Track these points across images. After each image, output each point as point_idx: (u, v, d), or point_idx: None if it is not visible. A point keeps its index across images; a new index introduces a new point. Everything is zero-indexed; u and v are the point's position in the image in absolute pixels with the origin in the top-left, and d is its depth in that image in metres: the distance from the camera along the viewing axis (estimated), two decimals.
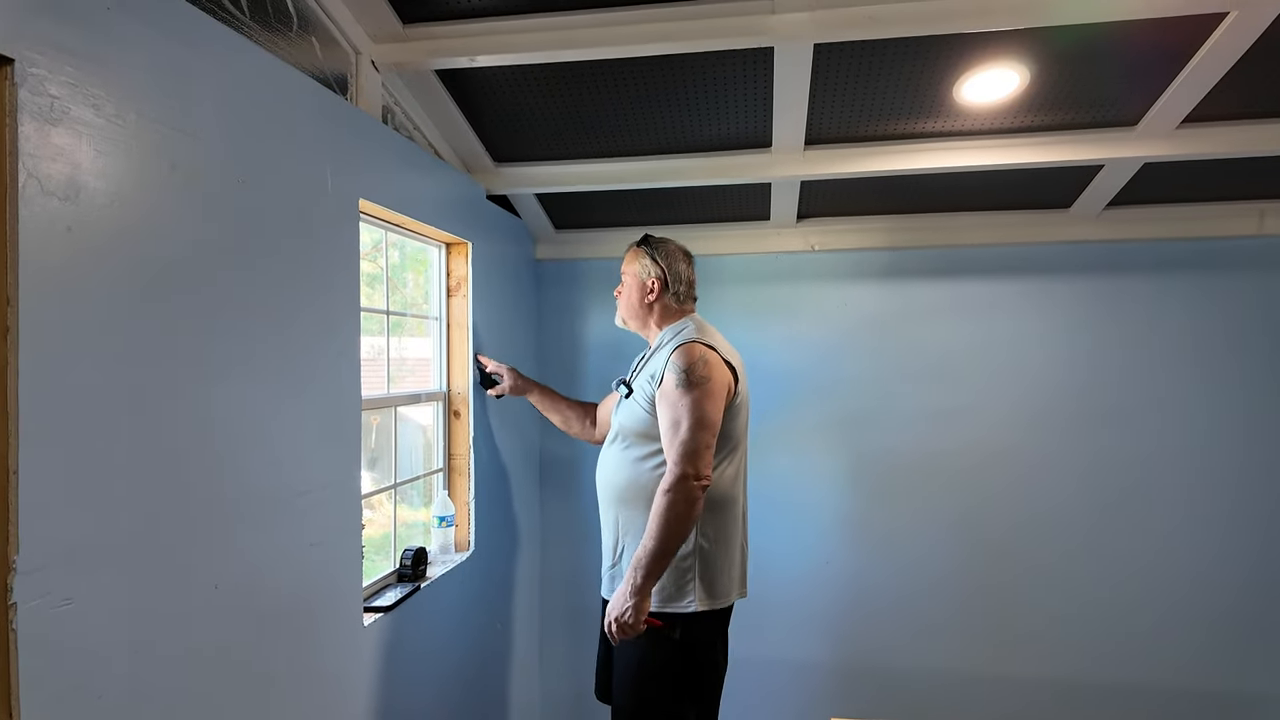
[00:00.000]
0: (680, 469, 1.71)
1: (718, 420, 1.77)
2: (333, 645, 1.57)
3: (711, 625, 1.86)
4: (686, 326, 1.93)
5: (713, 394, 1.76)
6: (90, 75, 1.02)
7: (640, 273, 1.98)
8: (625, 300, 2.02)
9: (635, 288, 1.99)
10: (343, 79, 1.74)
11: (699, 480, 1.72)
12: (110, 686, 1.05)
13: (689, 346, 1.81)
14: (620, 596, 1.74)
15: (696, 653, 1.83)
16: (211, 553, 1.23)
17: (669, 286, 1.96)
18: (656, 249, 1.98)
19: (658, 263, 1.96)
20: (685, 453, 1.72)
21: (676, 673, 1.81)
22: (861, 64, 1.84)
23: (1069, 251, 2.62)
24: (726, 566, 1.87)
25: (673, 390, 1.77)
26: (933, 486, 2.70)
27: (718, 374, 1.79)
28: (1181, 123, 2.00)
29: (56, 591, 0.97)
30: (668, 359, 1.82)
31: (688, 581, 1.81)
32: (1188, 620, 2.58)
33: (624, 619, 1.72)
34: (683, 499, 1.70)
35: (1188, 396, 2.57)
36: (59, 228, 0.98)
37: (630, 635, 1.74)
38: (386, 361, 2.06)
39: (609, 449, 1.98)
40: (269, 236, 1.38)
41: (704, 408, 1.74)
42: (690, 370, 1.76)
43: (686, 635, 1.82)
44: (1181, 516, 2.58)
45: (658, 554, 1.71)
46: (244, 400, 1.31)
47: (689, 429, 1.73)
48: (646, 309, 1.99)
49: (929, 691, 2.71)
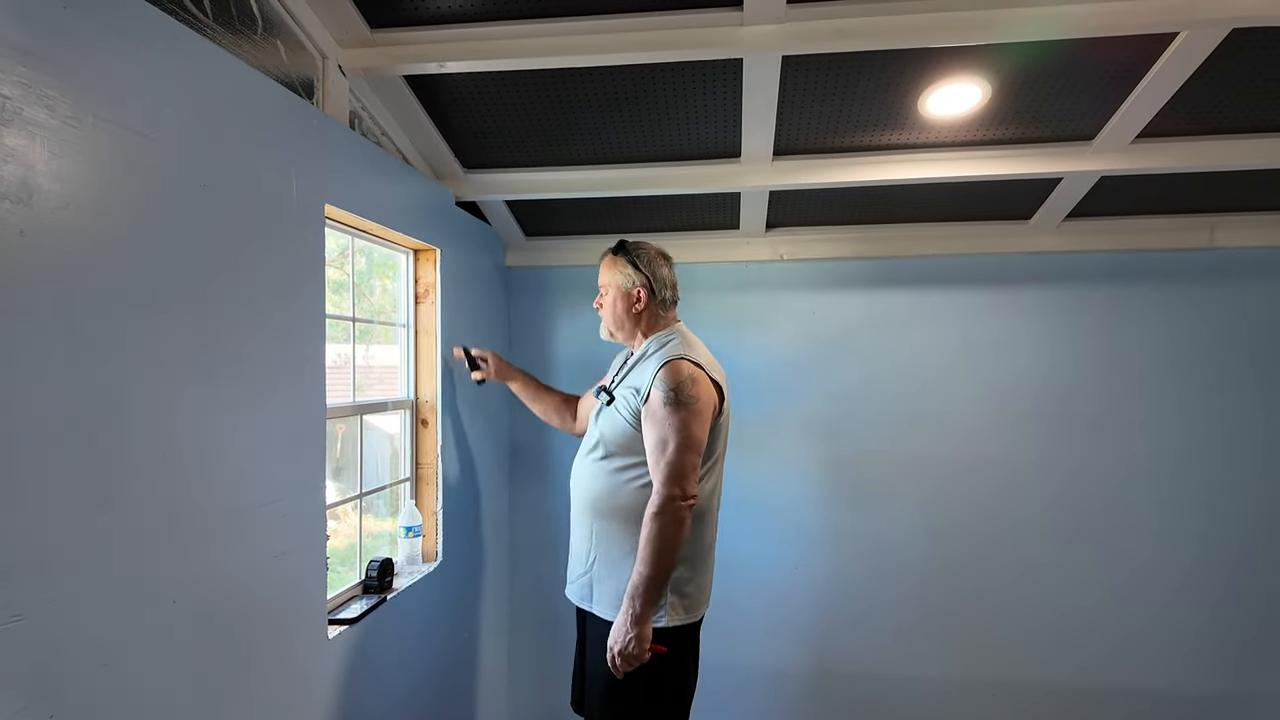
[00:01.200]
0: (668, 490, 1.70)
1: (704, 440, 1.76)
2: (297, 658, 1.53)
3: (685, 638, 1.84)
4: (673, 339, 1.89)
5: (700, 414, 1.74)
6: (44, 75, 1.00)
7: (623, 282, 1.92)
8: (610, 313, 1.96)
9: (620, 299, 1.93)
10: (309, 84, 1.72)
11: (685, 501, 1.71)
12: (63, 705, 1.01)
13: (677, 364, 1.77)
14: (620, 628, 1.71)
15: (669, 666, 1.80)
16: (171, 565, 1.20)
17: (655, 293, 1.91)
18: (636, 254, 1.92)
19: (640, 270, 1.91)
20: (672, 474, 1.70)
21: (648, 686, 1.79)
22: (829, 76, 1.87)
23: (1030, 262, 2.68)
24: (700, 579, 1.86)
25: (660, 409, 1.74)
26: (903, 493, 2.73)
27: (705, 393, 1.77)
28: (1136, 138, 2.06)
29: (9, 607, 0.94)
30: (654, 375, 1.78)
31: (661, 596, 1.77)
32: (1166, 626, 2.64)
33: (628, 650, 1.69)
34: (671, 521, 1.69)
35: (1146, 403, 2.64)
36: (11, 231, 0.95)
37: (635, 665, 1.70)
38: (352, 369, 2.03)
39: (586, 457, 1.95)
40: (232, 242, 1.35)
41: (690, 429, 1.72)
42: (679, 390, 1.73)
43: (670, 650, 1.79)
44: (1148, 522, 2.64)
45: (652, 580, 1.70)
46: (205, 408, 1.28)
47: (675, 450, 1.71)
48: (635, 319, 1.93)
49: (903, 697, 2.74)
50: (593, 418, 1.98)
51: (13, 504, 0.95)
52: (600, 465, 1.88)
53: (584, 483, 1.93)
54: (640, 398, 1.80)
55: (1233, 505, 2.60)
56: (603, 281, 1.97)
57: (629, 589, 1.72)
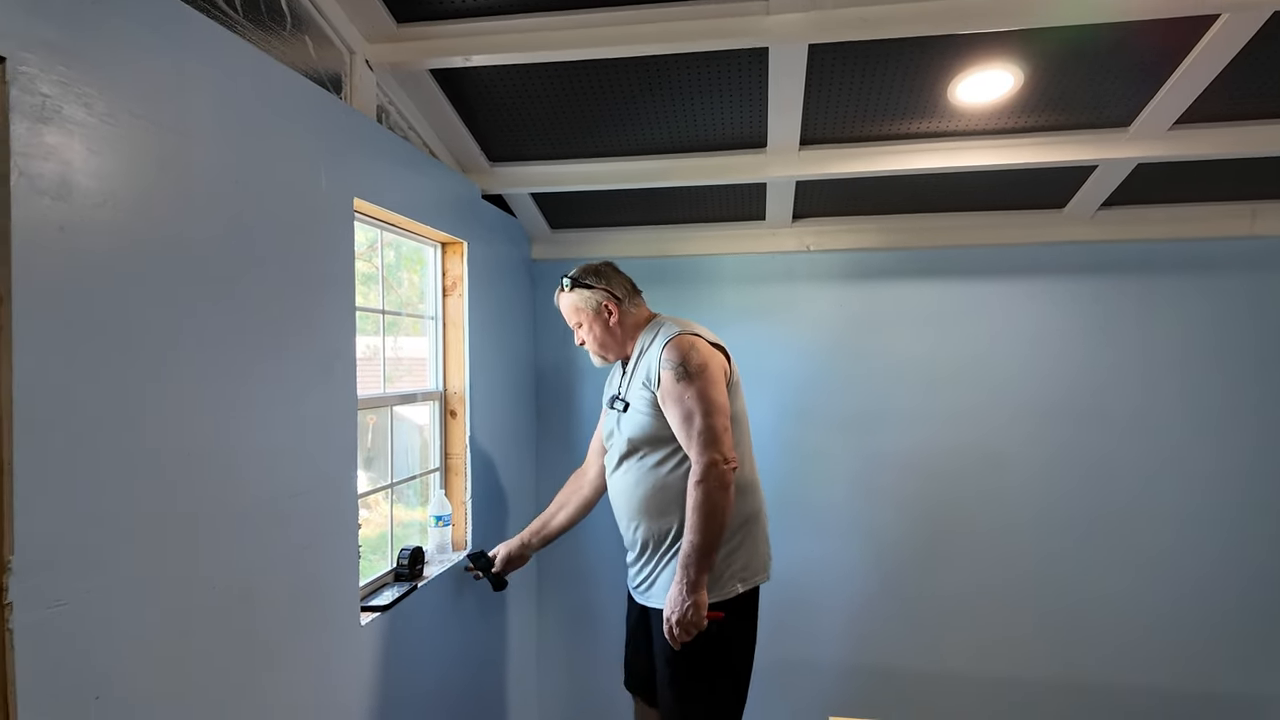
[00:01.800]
0: (707, 456, 1.73)
1: (725, 401, 1.80)
2: (330, 644, 1.57)
3: (748, 607, 1.90)
4: (661, 325, 1.93)
5: (714, 379, 1.79)
6: (81, 74, 1.02)
7: (588, 306, 1.96)
8: (594, 339, 1.99)
9: (595, 322, 1.97)
10: (337, 78, 1.74)
11: (728, 464, 1.74)
12: (107, 687, 1.05)
13: (677, 340, 1.82)
14: (676, 598, 1.74)
15: (734, 636, 1.86)
16: (208, 553, 1.23)
17: (620, 299, 1.97)
18: (584, 280, 1.97)
19: (595, 288, 1.96)
20: (706, 441, 1.74)
21: (716, 659, 1.84)
22: (856, 64, 1.84)
23: (1063, 252, 2.63)
24: (757, 546, 1.91)
25: (675, 385, 1.78)
26: (929, 487, 2.71)
27: (712, 359, 1.82)
28: (1174, 124, 2.01)
29: (51, 592, 0.97)
30: (659, 358, 1.83)
31: (727, 568, 1.83)
32: (1192, 620, 2.59)
33: (686, 618, 1.72)
34: (716, 485, 1.72)
35: (1183, 396, 2.58)
36: (51, 227, 0.98)
37: (695, 634, 1.74)
38: (382, 361, 2.06)
39: (619, 468, 1.96)
40: (263, 236, 1.38)
41: (710, 394, 1.77)
42: (686, 362, 1.78)
43: (728, 622, 1.82)
44: (1181, 515, 2.59)
45: (705, 548, 1.73)
46: (239, 400, 1.31)
47: (702, 417, 1.75)
48: (616, 331, 1.97)
49: (927, 690, 2.72)
50: (612, 432, 2.00)
51: (52, 495, 0.98)
52: (638, 466, 1.91)
53: (626, 490, 1.94)
54: (653, 385, 1.84)
55: (1270, 498, 2.54)
56: (572, 320, 2.02)
57: (681, 558, 1.76)
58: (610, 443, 2.02)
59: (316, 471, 1.52)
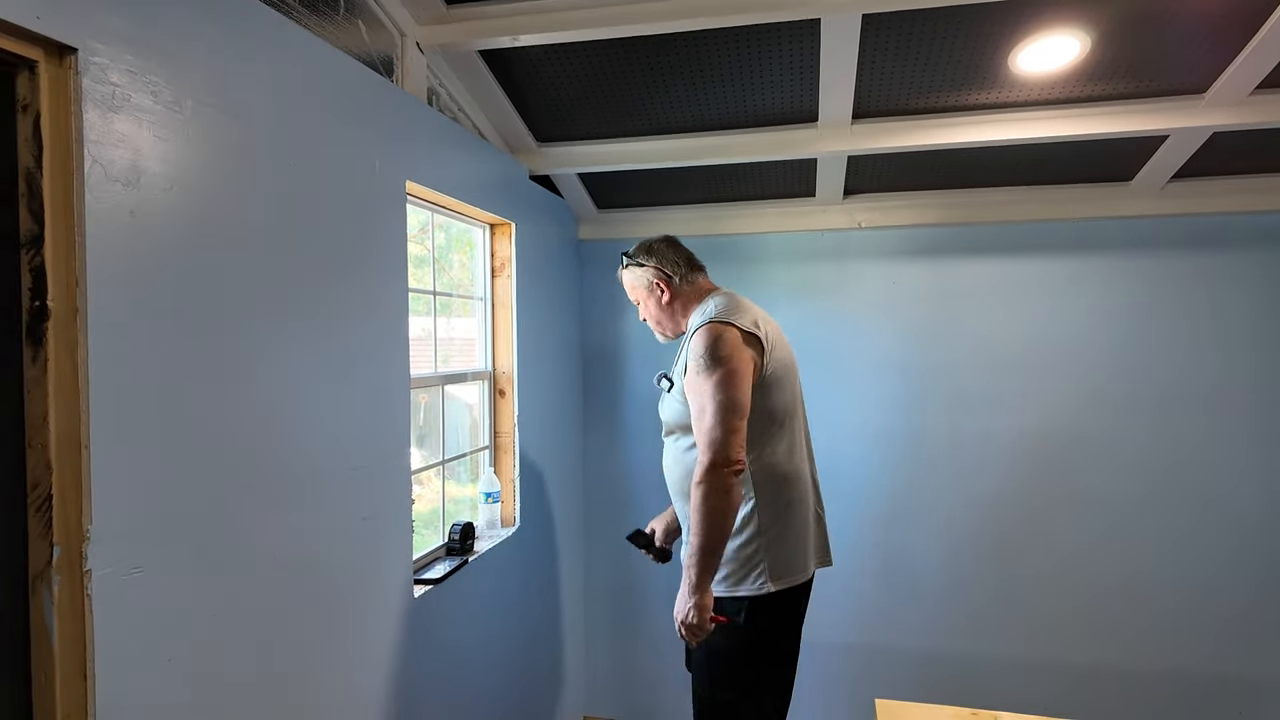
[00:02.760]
0: (708, 458, 1.64)
1: (744, 401, 1.68)
2: (385, 614, 1.62)
3: (783, 604, 1.80)
4: (708, 306, 1.84)
5: (736, 373, 1.68)
6: (148, 63, 1.06)
7: (640, 284, 1.96)
8: (650, 315, 1.98)
9: (649, 299, 1.96)
10: (388, 61, 1.76)
11: (729, 467, 1.64)
12: (179, 650, 1.10)
13: (706, 328, 1.73)
14: (680, 600, 1.71)
15: (766, 636, 1.79)
16: (270, 525, 1.28)
17: (671, 275, 1.92)
18: (639, 257, 1.96)
19: (646, 265, 1.94)
20: (710, 440, 1.65)
21: (746, 659, 1.78)
22: (912, 34, 1.79)
23: (1131, 227, 2.51)
24: (795, 543, 1.81)
25: (695, 377, 1.71)
26: (982, 468, 2.65)
27: (738, 352, 1.70)
28: (1255, 89, 1.90)
29: (127, 560, 1.02)
30: (688, 345, 1.78)
31: (757, 564, 1.76)
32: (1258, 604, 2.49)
33: (688, 620, 1.68)
34: (715, 489, 1.64)
35: (1258, 379, 2.46)
36: (122, 212, 1.02)
37: (701, 636, 1.70)
38: (434, 341, 2.10)
39: (665, 447, 1.95)
40: (320, 219, 1.41)
41: (727, 390, 1.66)
42: (707, 354, 1.69)
43: (757, 618, 1.77)
44: (1247, 500, 2.48)
45: (704, 550, 1.66)
46: (299, 379, 1.35)
47: (713, 415, 1.66)
48: (670, 309, 1.94)
49: (969, 674, 2.68)
50: (659, 408, 1.98)
51: (127, 469, 1.03)
52: (673, 448, 1.89)
53: (669, 470, 1.93)
54: (684, 372, 1.79)
55: None
56: (631, 297, 2.02)
57: (685, 559, 1.70)
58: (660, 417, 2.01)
59: (373, 447, 1.56)
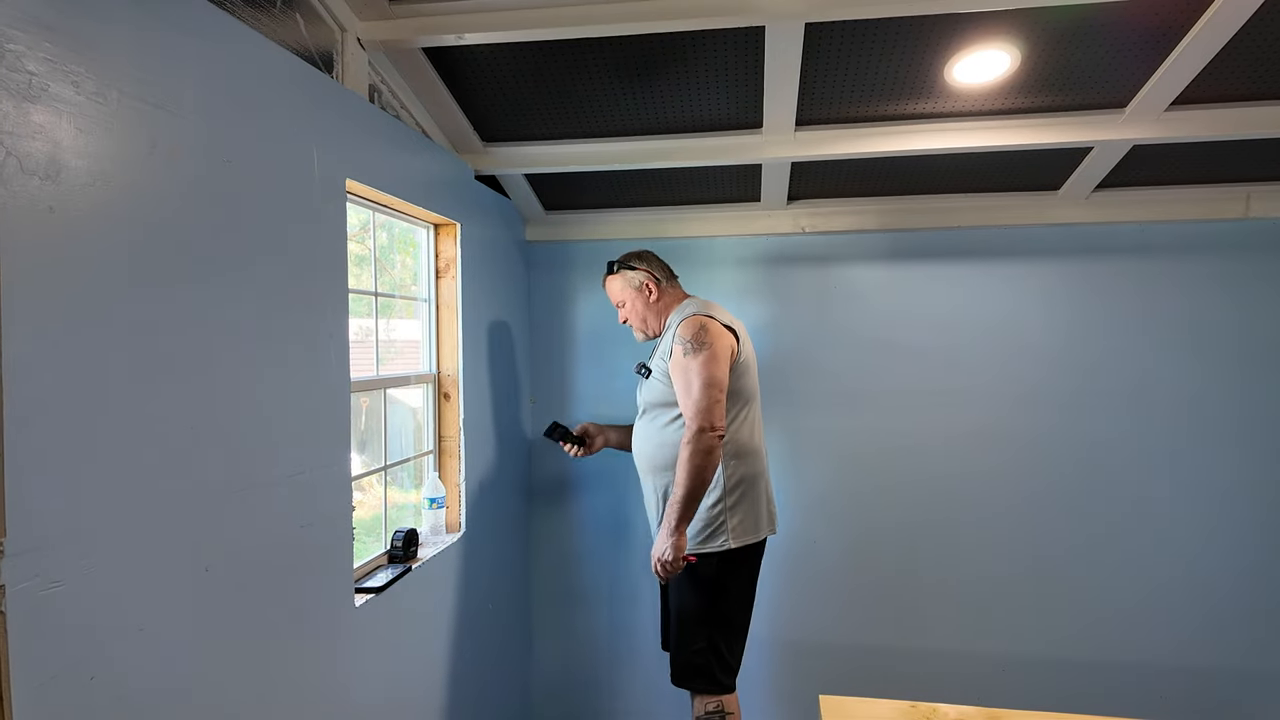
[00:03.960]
0: (697, 423, 1.98)
1: (723, 378, 2.03)
2: (325, 626, 1.57)
3: (744, 560, 2.15)
4: (688, 306, 2.19)
5: (717, 356, 2.03)
6: (69, 52, 1.01)
7: (632, 285, 2.26)
8: (635, 313, 2.28)
9: (637, 299, 2.26)
10: (329, 57, 1.71)
11: (713, 431, 1.98)
12: (102, 668, 1.05)
13: (690, 319, 2.09)
14: (660, 539, 2.02)
15: (730, 588, 2.13)
16: (202, 535, 1.23)
17: (659, 278, 2.26)
18: (629, 262, 2.28)
19: (637, 270, 2.26)
20: (699, 409, 1.98)
21: (713, 608, 2.12)
22: (853, 44, 1.83)
23: (1059, 233, 2.63)
24: (753, 508, 2.15)
25: (682, 359, 2.04)
26: (922, 467, 2.72)
27: (719, 339, 2.05)
28: (1170, 105, 2.00)
29: (46, 574, 0.97)
30: (674, 334, 2.10)
31: (720, 525, 2.10)
32: (1183, 601, 2.63)
33: (664, 557, 2.00)
34: (701, 449, 1.96)
35: (1177, 377, 2.59)
36: (40, 207, 0.96)
37: (674, 571, 2.00)
38: (375, 343, 2.05)
39: (639, 427, 2.26)
40: (255, 217, 1.36)
41: (710, 369, 2.01)
42: (694, 339, 2.04)
43: (723, 572, 2.11)
44: (1172, 496, 2.61)
45: (686, 499, 1.98)
46: (232, 382, 1.30)
47: (699, 388, 1.99)
48: (655, 308, 2.26)
49: (916, 670, 2.75)
50: (637, 394, 2.29)
51: (46, 476, 0.98)
52: (649, 426, 2.20)
53: (640, 446, 2.24)
54: (667, 358, 2.11)
55: (1257, 484, 2.57)
56: (616, 299, 2.31)
57: (667, 506, 2.03)
58: (637, 405, 2.30)
59: (312, 452, 1.51)
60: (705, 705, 2.15)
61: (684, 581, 2.13)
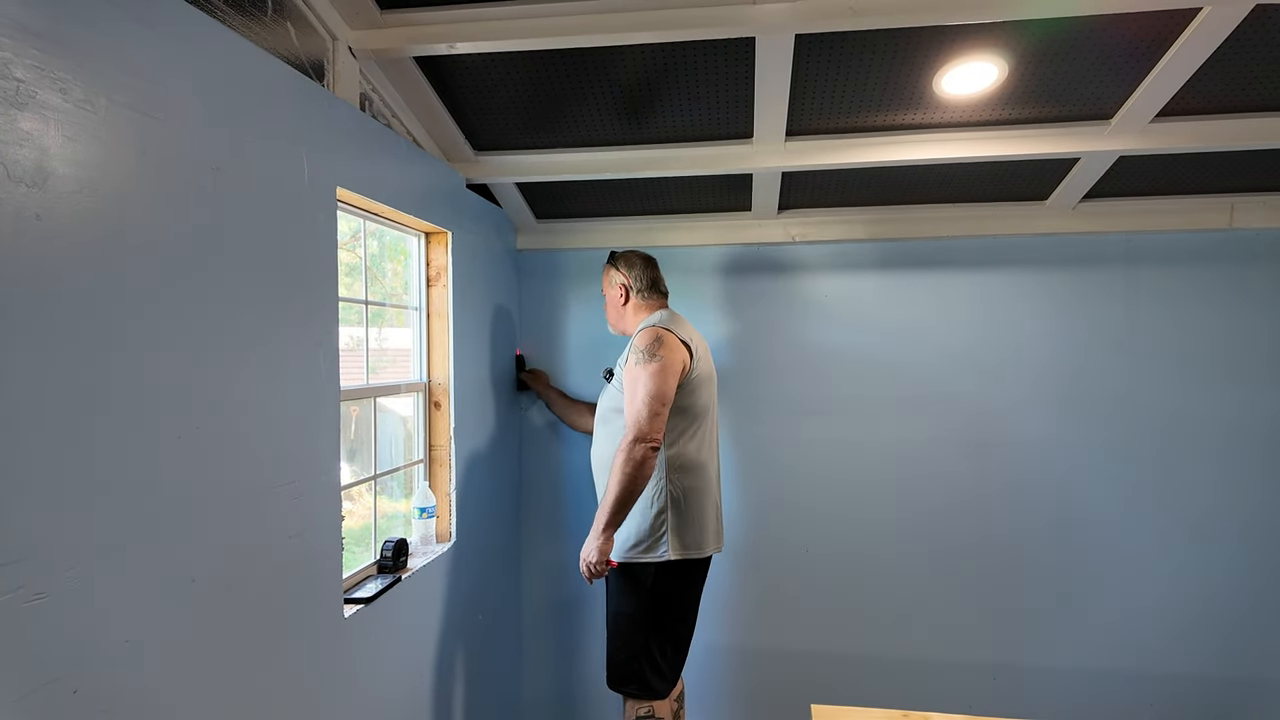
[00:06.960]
0: (634, 432, 2.00)
1: (668, 391, 2.05)
2: (314, 636, 1.56)
3: (684, 573, 2.17)
4: (653, 317, 2.21)
5: (666, 369, 2.05)
6: (57, 59, 1.00)
7: (611, 282, 2.34)
8: (609, 308, 2.37)
9: (610, 299, 2.36)
10: (319, 66, 1.71)
11: (648, 441, 2.00)
12: (86, 681, 1.04)
13: (647, 330, 2.13)
14: (588, 541, 2.05)
15: (670, 598, 2.15)
16: (189, 545, 1.22)
17: (632, 287, 2.30)
18: (618, 261, 2.34)
19: (620, 271, 2.32)
20: (636, 419, 2.01)
21: (649, 615, 2.14)
22: (843, 55, 1.84)
23: (1046, 243, 2.65)
24: (697, 523, 2.16)
25: (633, 367, 2.07)
26: (913, 476, 2.73)
27: (671, 353, 2.07)
28: (1155, 117, 2.03)
29: (29, 586, 0.96)
30: (630, 343, 2.14)
31: (661, 535, 2.12)
32: (1170, 609, 2.64)
33: (589, 558, 2.03)
34: (634, 458, 1.98)
35: (1163, 386, 2.61)
36: (28, 215, 0.96)
37: (598, 573, 2.03)
38: (365, 352, 2.05)
39: (597, 431, 2.29)
40: (245, 225, 1.36)
41: (656, 381, 2.03)
42: (647, 350, 2.07)
43: (661, 581, 2.13)
44: (1156, 505, 2.63)
45: (615, 504, 2.00)
46: (220, 391, 1.29)
47: (642, 398, 2.02)
48: (621, 311, 2.33)
49: (908, 680, 2.75)
50: (600, 397, 2.33)
51: (31, 486, 0.96)
52: (606, 431, 2.23)
53: (600, 451, 2.26)
54: (624, 365, 2.14)
55: (1239, 494, 2.58)
56: (603, 288, 2.40)
57: (597, 509, 2.05)
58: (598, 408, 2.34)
59: (301, 461, 1.50)
60: (636, 710, 2.17)
61: (621, 586, 2.16)
